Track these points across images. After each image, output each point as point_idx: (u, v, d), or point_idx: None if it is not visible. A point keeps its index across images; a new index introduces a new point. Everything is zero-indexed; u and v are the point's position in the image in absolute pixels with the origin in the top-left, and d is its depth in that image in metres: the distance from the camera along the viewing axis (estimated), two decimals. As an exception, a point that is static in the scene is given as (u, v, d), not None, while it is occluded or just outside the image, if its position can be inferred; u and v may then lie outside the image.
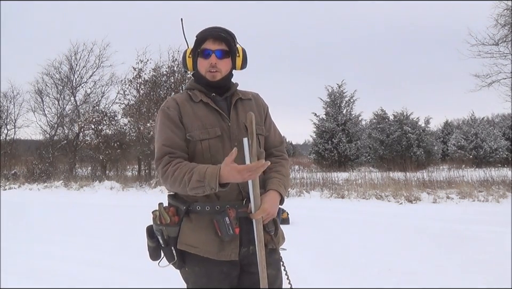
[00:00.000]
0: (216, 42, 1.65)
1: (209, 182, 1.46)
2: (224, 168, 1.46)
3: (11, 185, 16.28)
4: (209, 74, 1.65)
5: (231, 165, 1.44)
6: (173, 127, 1.62)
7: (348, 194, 10.52)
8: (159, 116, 1.67)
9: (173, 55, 16.23)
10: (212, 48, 1.64)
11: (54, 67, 21.64)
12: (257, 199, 1.56)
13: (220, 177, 1.46)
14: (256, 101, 1.80)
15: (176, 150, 1.60)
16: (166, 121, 1.64)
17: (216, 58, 1.64)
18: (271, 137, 1.82)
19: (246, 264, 1.63)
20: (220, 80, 1.67)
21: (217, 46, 1.65)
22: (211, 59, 1.64)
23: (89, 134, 18.50)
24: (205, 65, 1.65)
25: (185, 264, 1.64)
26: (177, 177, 1.53)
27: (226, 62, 1.67)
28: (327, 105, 25.92)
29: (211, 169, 1.48)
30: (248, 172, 1.44)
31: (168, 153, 1.60)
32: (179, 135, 1.62)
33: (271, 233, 1.64)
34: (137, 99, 16.25)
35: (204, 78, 1.68)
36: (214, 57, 1.64)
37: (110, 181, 14.83)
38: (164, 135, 1.63)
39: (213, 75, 1.65)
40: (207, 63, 1.65)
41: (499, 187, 10.11)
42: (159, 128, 1.66)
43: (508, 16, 12.97)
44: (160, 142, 1.63)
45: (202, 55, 1.66)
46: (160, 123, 1.66)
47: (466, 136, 25.41)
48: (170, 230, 1.60)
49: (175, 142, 1.61)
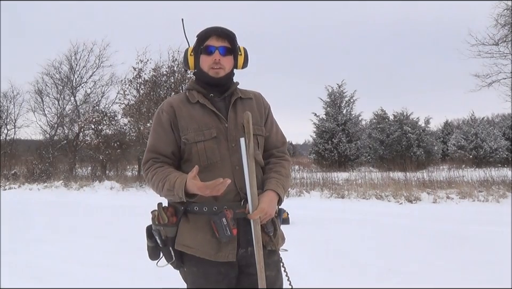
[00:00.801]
0: (220, 39, 1.65)
1: (177, 192, 1.51)
2: (188, 182, 1.50)
3: (11, 185, 16.29)
4: (212, 70, 1.65)
5: (192, 181, 1.48)
6: (161, 133, 1.66)
7: (348, 194, 10.52)
8: (153, 119, 1.72)
9: (173, 55, 16.24)
10: (216, 45, 1.64)
11: (54, 67, 21.72)
12: (254, 199, 1.56)
13: (187, 188, 1.50)
14: (257, 100, 1.78)
15: (160, 155, 1.65)
16: (156, 126, 1.68)
17: (220, 55, 1.64)
18: (273, 138, 1.79)
19: (244, 265, 1.62)
20: (222, 77, 1.66)
21: (220, 43, 1.65)
22: (215, 56, 1.64)
23: (89, 134, 18.51)
24: (208, 61, 1.65)
25: (183, 264, 1.64)
26: (154, 182, 1.59)
27: (229, 59, 1.67)
28: (327, 105, 25.92)
29: (180, 179, 1.53)
30: (207, 190, 1.46)
31: (151, 158, 1.66)
32: (166, 141, 1.65)
33: (270, 234, 1.63)
34: (137, 99, 16.24)
35: (206, 76, 1.67)
36: (217, 53, 1.64)
37: (110, 181, 14.83)
38: (151, 141, 1.68)
39: (216, 71, 1.65)
40: (211, 59, 1.64)
41: (499, 187, 10.11)
42: (150, 132, 1.72)
43: (508, 16, 12.98)
44: (147, 147, 1.70)
45: (205, 52, 1.65)
46: (152, 126, 1.71)
47: (466, 136, 25.43)
48: (168, 230, 1.60)
49: (160, 148, 1.66)
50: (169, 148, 1.65)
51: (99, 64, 21.89)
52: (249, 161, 1.56)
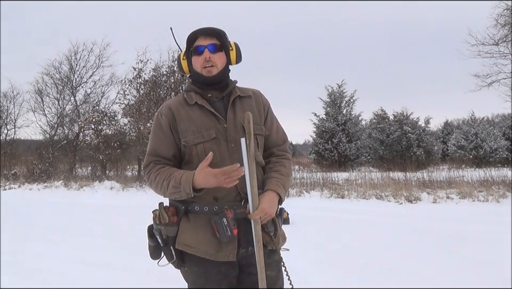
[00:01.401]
0: (208, 38, 1.67)
1: (184, 188, 1.51)
2: (198, 173, 1.49)
3: (11, 185, 16.27)
4: (205, 70, 1.66)
5: (206, 169, 1.48)
6: (161, 136, 1.67)
7: (348, 194, 10.51)
8: (153, 122, 1.73)
9: (173, 55, 16.21)
10: (204, 44, 1.66)
11: (54, 67, 21.66)
12: (255, 199, 1.56)
13: (194, 183, 1.50)
14: (256, 98, 1.77)
15: (161, 158, 1.66)
16: (156, 129, 1.69)
17: (210, 53, 1.65)
18: (273, 136, 1.78)
19: (245, 265, 1.63)
20: (216, 75, 1.66)
21: (208, 41, 1.66)
22: (205, 54, 1.65)
23: (89, 134, 18.48)
24: (200, 61, 1.66)
25: (184, 264, 1.64)
26: (158, 182, 1.59)
27: (220, 56, 1.67)
28: (327, 105, 25.89)
29: (186, 175, 1.53)
30: (224, 176, 1.46)
31: (153, 161, 1.66)
32: (166, 144, 1.66)
33: (271, 234, 1.63)
34: (137, 99, 16.22)
35: (200, 76, 1.68)
36: (207, 51, 1.65)
37: (110, 181, 14.82)
38: (152, 144, 1.69)
39: (208, 70, 1.65)
40: (201, 59, 1.65)
41: (499, 187, 10.10)
42: (150, 135, 1.73)
43: (508, 16, 12.97)
44: (148, 150, 1.71)
45: (195, 53, 1.67)
46: (152, 130, 1.72)
47: (466, 136, 25.41)
48: (169, 229, 1.61)
49: (160, 151, 1.67)
50: (170, 151, 1.66)
51: (99, 64, 21.87)
52: (250, 162, 1.56)
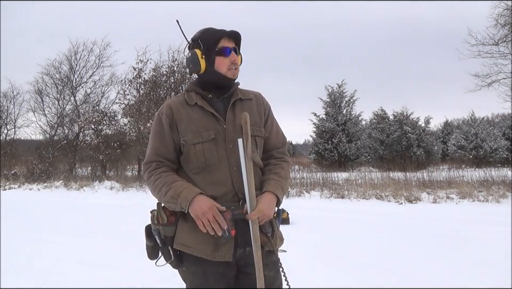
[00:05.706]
0: (231, 40, 1.67)
1: (181, 203, 1.53)
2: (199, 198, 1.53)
3: (11, 185, 16.27)
4: (230, 72, 1.65)
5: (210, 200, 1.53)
6: (163, 135, 1.66)
7: (348, 194, 10.51)
8: (154, 121, 1.72)
9: (173, 55, 16.20)
10: (230, 46, 1.66)
11: (54, 67, 21.62)
12: (252, 200, 1.56)
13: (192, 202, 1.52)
14: (256, 101, 1.77)
15: (164, 159, 1.66)
16: (158, 128, 1.68)
17: (235, 56, 1.66)
18: (273, 138, 1.78)
19: (243, 265, 1.62)
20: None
21: (232, 44, 1.67)
22: (232, 57, 1.65)
23: (89, 134, 18.49)
24: (227, 63, 1.64)
25: (182, 264, 1.64)
26: (157, 186, 1.59)
27: (238, 59, 1.71)
28: (327, 105, 25.88)
29: (186, 192, 1.54)
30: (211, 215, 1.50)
31: (156, 161, 1.66)
32: (168, 144, 1.66)
33: (268, 235, 1.63)
34: (137, 99, 16.23)
35: (221, 77, 1.65)
36: (233, 54, 1.65)
37: (110, 181, 14.82)
38: (154, 143, 1.68)
39: (233, 73, 1.67)
40: (228, 60, 1.64)
41: (499, 187, 10.10)
42: (151, 134, 1.71)
43: (508, 16, 12.97)
44: (150, 149, 1.69)
45: (221, 53, 1.64)
46: (152, 129, 1.71)
47: (466, 136, 25.42)
48: (167, 229, 1.61)
49: (163, 151, 1.66)
50: (172, 151, 1.66)
51: (99, 64, 21.84)
52: (247, 162, 1.56)
